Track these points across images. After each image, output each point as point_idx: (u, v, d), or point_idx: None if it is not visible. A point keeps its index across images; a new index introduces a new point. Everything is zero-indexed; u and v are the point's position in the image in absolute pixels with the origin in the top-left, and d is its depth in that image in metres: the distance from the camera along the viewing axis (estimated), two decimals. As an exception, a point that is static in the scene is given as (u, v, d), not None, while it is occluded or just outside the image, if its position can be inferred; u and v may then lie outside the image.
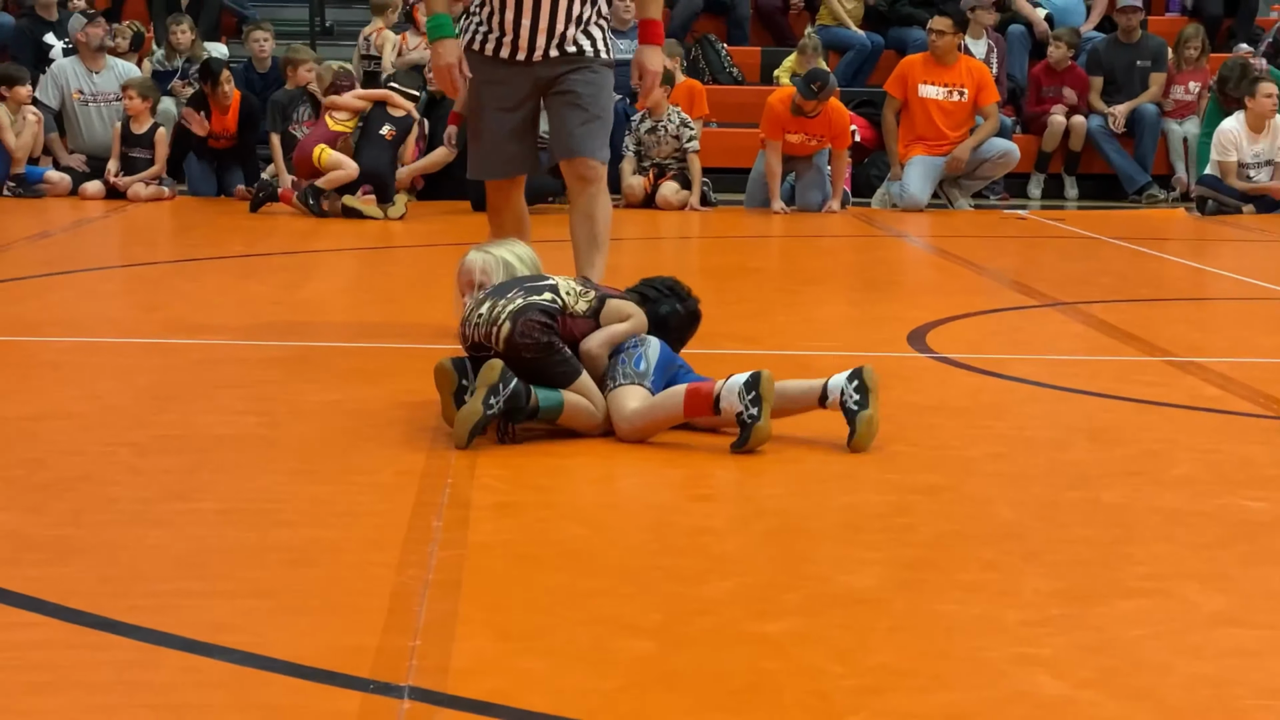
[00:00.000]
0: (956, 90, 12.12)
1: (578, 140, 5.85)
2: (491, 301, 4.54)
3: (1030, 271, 9.07)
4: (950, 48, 12.11)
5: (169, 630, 2.92)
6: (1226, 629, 3.05)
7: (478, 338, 4.50)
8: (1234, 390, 5.35)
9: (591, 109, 5.87)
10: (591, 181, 5.88)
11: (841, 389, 4.50)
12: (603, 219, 5.92)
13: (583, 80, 5.85)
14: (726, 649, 2.90)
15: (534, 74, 5.84)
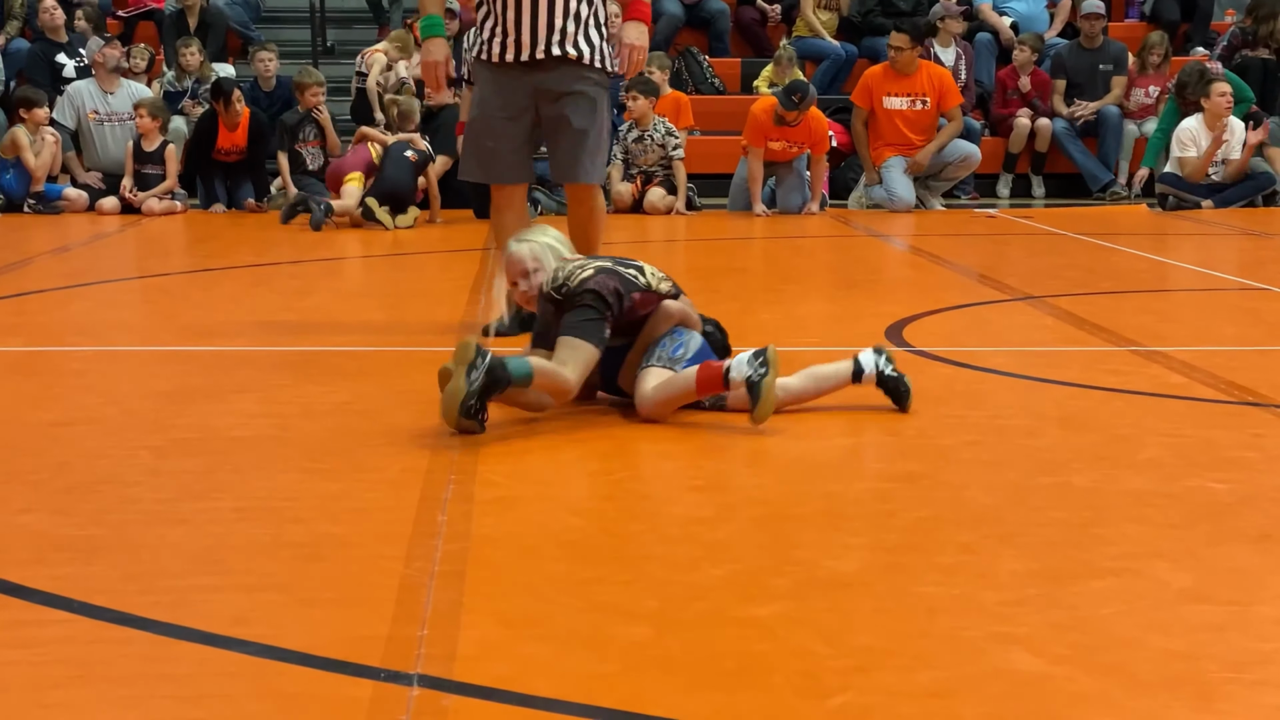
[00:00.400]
0: (919, 99, 12.12)
1: (578, 167, 5.90)
2: (584, 260, 4.72)
3: (1000, 267, 9.07)
4: (909, 61, 12.09)
5: (189, 624, 2.91)
6: (1194, 605, 3.04)
7: (563, 280, 4.63)
8: (1197, 377, 5.35)
9: (589, 132, 5.88)
10: (585, 202, 5.98)
11: (876, 364, 4.77)
12: (597, 231, 6.03)
13: (582, 104, 5.85)
14: (719, 632, 2.90)
15: (534, 81, 5.83)
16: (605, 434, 4.58)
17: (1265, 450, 4.34)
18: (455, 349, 4.41)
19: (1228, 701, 2.58)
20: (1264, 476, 4.05)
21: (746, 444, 4.48)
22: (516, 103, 5.87)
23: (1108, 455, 4.28)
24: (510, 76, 5.84)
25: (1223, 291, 7.84)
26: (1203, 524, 3.61)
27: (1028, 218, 11.84)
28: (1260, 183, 12.32)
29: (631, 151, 11.80)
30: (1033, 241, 10.36)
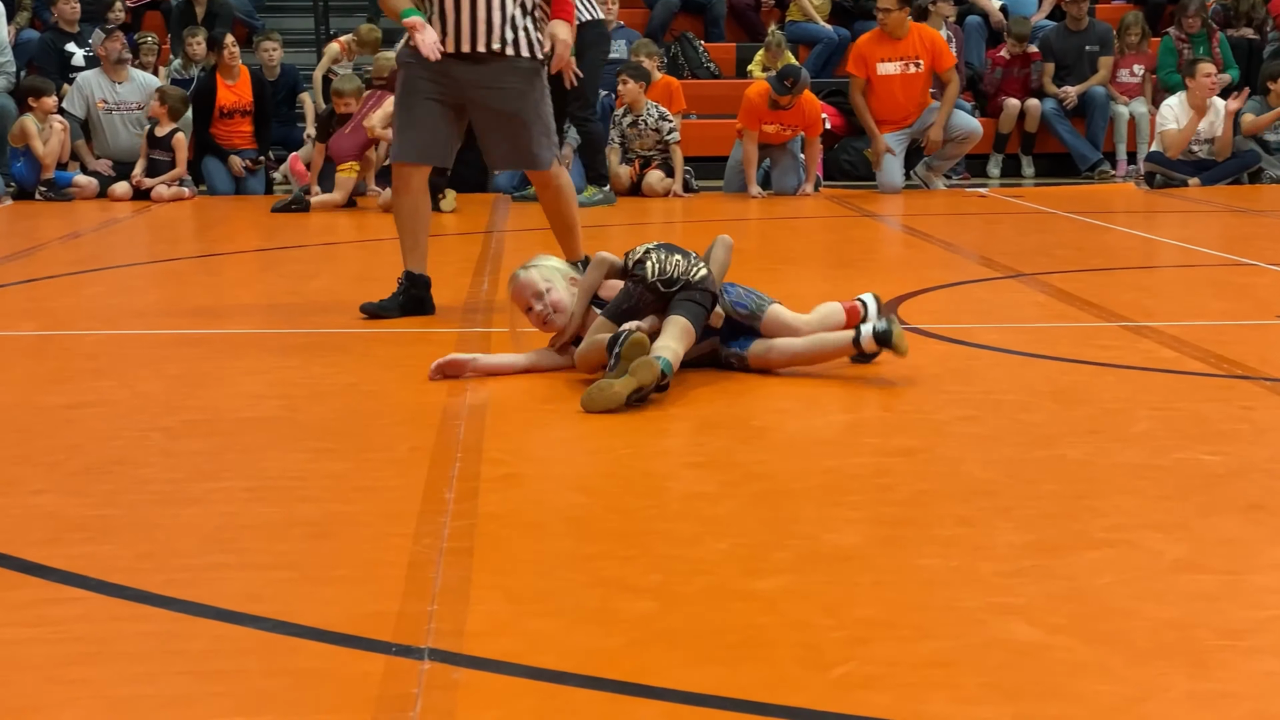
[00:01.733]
0: (912, 62, 11.98)
1: (529, 154, 6.04)
2: (684, 257, 4.93)
3: (992, 245, 9.05)
4: (899, 22, 11.89)
5: (203, 601, 2.91)
6: (1187, 575, 3.04)
7: (675, 275, 4.85)
8: (1186, 351, 5.34)
9: (525, 116, 5.96)
10: (548, 185, 6.09)
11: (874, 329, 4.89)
12: (568, 209, 6.12)
13: (509, 93, 5.92)
14: (721, 606, 2.89)
15: (463, 74, 5.90)
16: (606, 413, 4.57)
17: (1255, 423, 4.33)
18: (638, 367, 4.49)
19: (1223, 669, 2.58)
20: (1254, 448, 4.04)
21: (746, 421, 4.47)
22: (445, 91, 5.94)
23: (1100, 429, 4.27)
24: (444, 67, 5.90)
25: (1211, 267, 7.83)
26: (1195, 495, 3.60)
27: (1018, 197, 11.83)
28: (1246, 160, 12.31)
29: (627, 136, 11.78)
30: (1023, 220, 10.34)
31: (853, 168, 13.00)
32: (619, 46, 13.34)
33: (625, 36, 13.43)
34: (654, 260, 4.91)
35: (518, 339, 5.57)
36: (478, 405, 4.60)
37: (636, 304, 4.88)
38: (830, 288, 7.21)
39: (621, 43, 13.34)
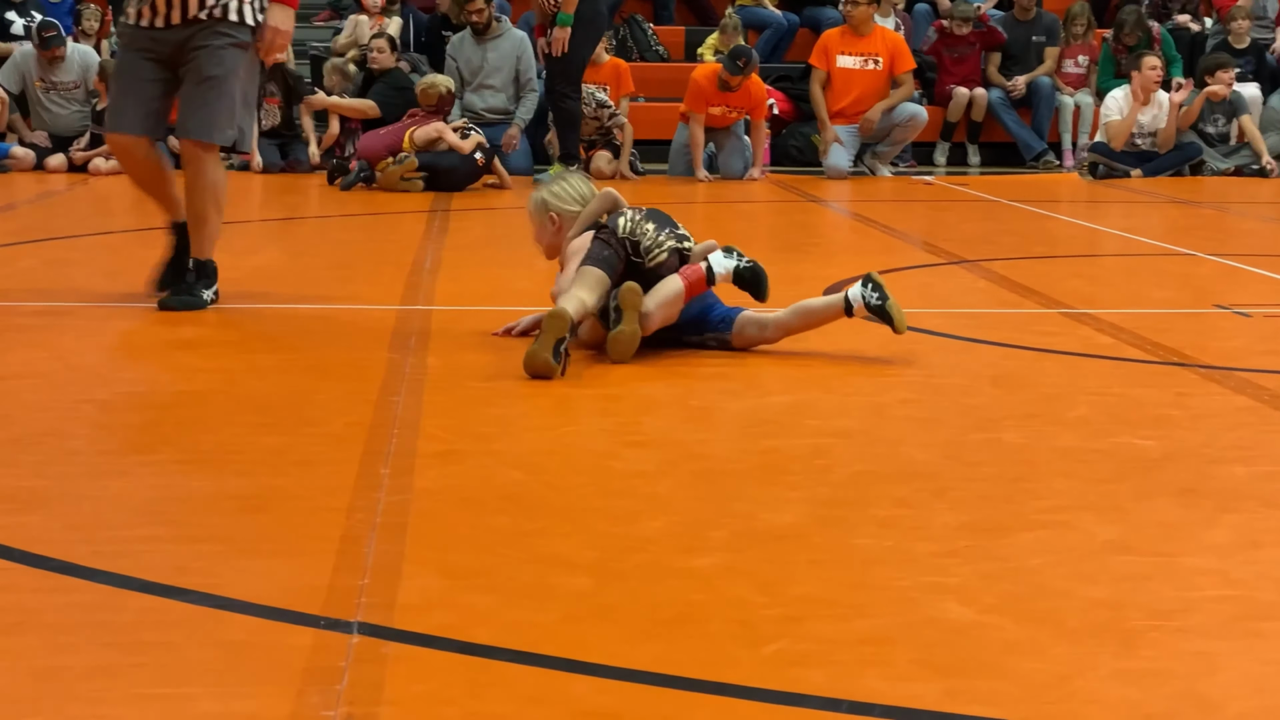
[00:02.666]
0: (872, 59, 12.06)
1: (184, 120, 5.79)
2: (656, 228, 5.01)
3: (937, 232, 9.07)
4: (865, 18, 12.02)
5: (131, 574, 2.87)
6: (1120, 556, 3.06)
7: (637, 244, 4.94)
8: (1124, 339, 5.37)
9: (220, 83, 5.74)
10: (192, 160, 5.81)
11: (861, 295, 4.94)
12: (203, 193, 5.84)
13: (218, 57, 5.72)
14: (658, 583, 2.89)
15: (175, 40, 5.71)
16: (547, 391, 4.56)
17: (1189, 409, 4.36)
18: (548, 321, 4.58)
19: (1151, 648, 2.59)
20: (1188, 434, 4.07)
21: (687, 401, 4.47)
22: (148, 60, 5.77)
23: (1038, 413, 4.29)
24: (153, 36, 5.73)
25: (1150, 257, 7.88)
26: (1129, 479, 3.62)
27: (963, 185, 11.87)
28: (1187, 152, 12.39)
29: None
30: (968, 208, 10.38)
31: (799, 153, 13.01)
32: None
33: (575, 17, 13.38)
34: (630, 217, 5.00)
35: None
36: (416, 381, 4.57)
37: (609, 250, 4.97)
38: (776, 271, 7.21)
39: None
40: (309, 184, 11.26)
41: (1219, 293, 6.51)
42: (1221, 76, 12.46)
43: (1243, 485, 3.58)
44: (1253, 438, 4.03)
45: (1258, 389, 4.57)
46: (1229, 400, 4.47)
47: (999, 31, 13.50)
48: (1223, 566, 2.99)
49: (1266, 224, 9.76)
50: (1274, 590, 2.87)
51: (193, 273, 5.85)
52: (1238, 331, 5.63)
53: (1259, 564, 3.02)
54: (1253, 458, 3.82)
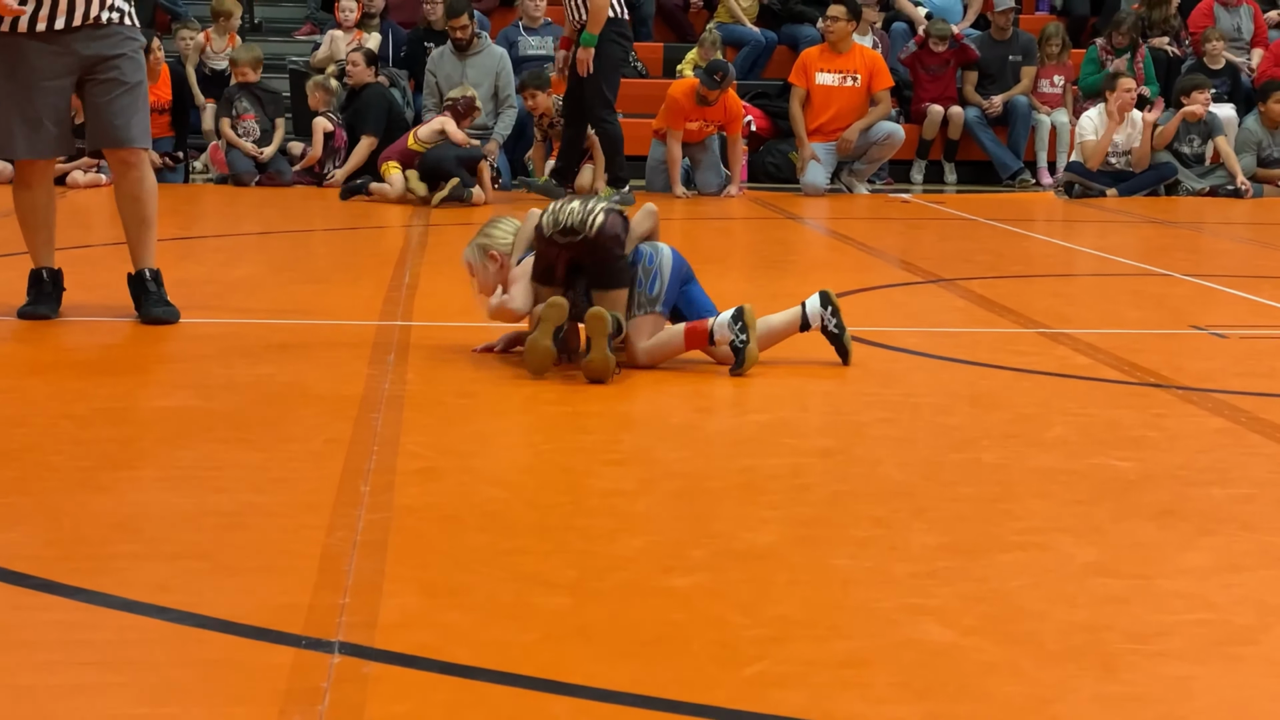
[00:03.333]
0: (850, 76, 12.08)
1: (130, 130, 5.70)
2: (581, 202, 5.02)
3: (914, 250, 9.10)
4: (844, 34, 12.04)
5: (110, 591, 2.86)
6: (1098, 578, 3.06)
7: (571, 224, 4.94)
8: (1101, 359, 5.39)
9: (135, 97, 5.71)
10: (136, 166, 5.78)
11: (820, 315, 5.12)
12: (149, 199, 5.83)
13: (127, 65, 5.67)
14: (637, 602, 2.89)
15: (75, 47, 5.59)
16: (526, 408, 4.56)
17: (1166, 430, 4.38)
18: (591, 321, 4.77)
19: (1130, 671, 2.60)
20: (1165, 455, 4.08)
21: (665, 418, 4.47)
22: (58, 72, 5.62)
23: (1016, 433, 4.30)
24: (49, 44, 5.58)
25: (1126, 277, 7.91)
26: (1107, 500, 3.63)
27: (940, 203, 11.90)
28: (1162, 172, 12.45)
29: (550, 135, 11.82)
30: (944, 226, 10.41)
31: (777, 170, 13.04)
32: (546, 43, 13.32)
33: (553, 33, 13.40)
34: (550, 211, 5.02)
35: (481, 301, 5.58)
36: (395, 398, 4.57)
37: (550, 260, 5.00)
38: (754, 288, 7.23)
39: (549, 39, 13.31)
40: (287, 197, 11.24)
41: (1195, 313, 6.54)
42: (1198, 97, 12.53)
43: (1220, 507, 3.59)
44: (1230, 460, 4.04)
45: (1234, 410, 4.59)
46: (1206, 422, 4.48)
47: (971, 49, 13.55)
48: (1201, 589, 3.01)
49: (1241, 244, 9.81)
50: (1252, 614, 2.88)
51: (154, 283, 5.83)
52: (1214, 352, 5.65)
53: (1237, 587, 3.03)
54: (1230, 480, 3.83)
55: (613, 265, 5.00)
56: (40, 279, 5.91)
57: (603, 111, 10.79)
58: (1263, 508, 3.60)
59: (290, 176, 11.97)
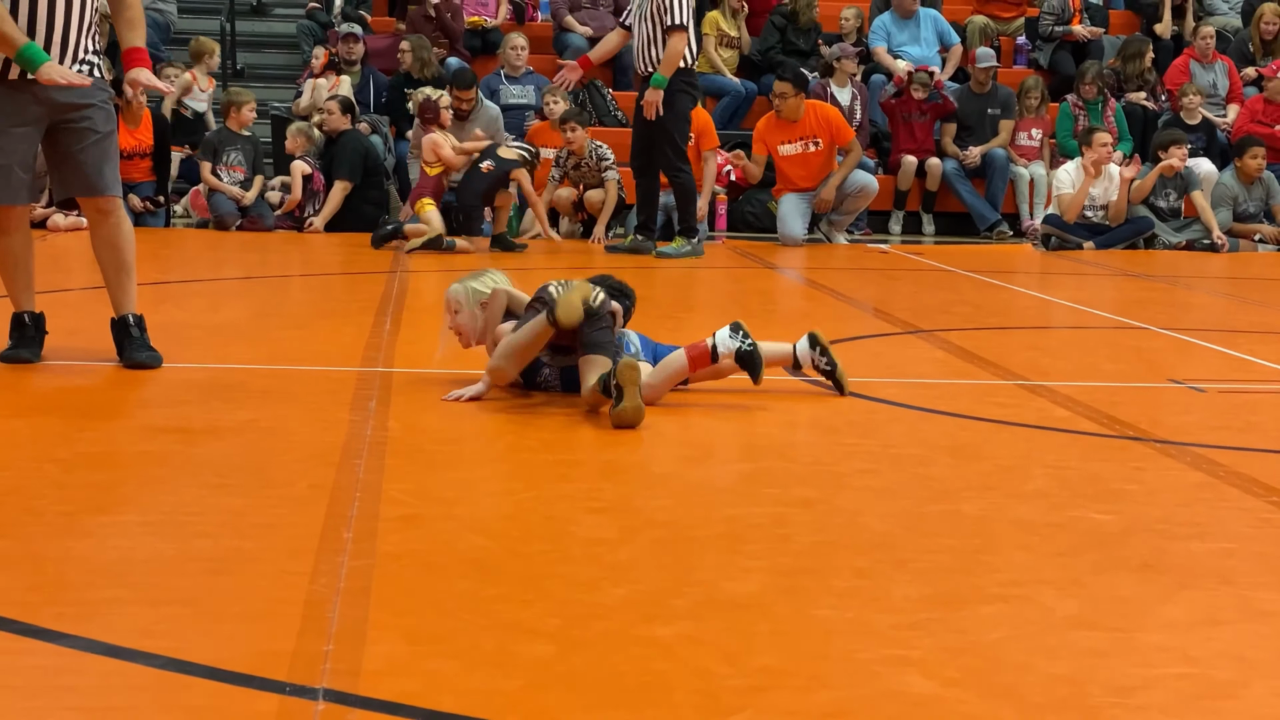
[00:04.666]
0: (811, 141, 12.16)
1: (104, 179, 5.74)
2: (576, 291, 5.10)
3: (891, 301, 9.14)
4: (795, 107, 12.04)
5: (94, 636, 2.86)
6: (1080, 631, 3.08)
7: (584, 314, 5.07)
8: (1080, 411, 5.42)
9: (109, 146, 5.77)
10: (111, 213, 5.83)
11: (810, 357, 5.43)
12: (127, 245, 5.88)
13: (99, 115, 5.72)
14: (620, 651, 2.89)
15: (41, 97, 5.62)
16: (508, 456, 4.57)
17: (1146, 483, 4.40)
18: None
19: (1112, 725, 2.61)
20: (1145, 508, 4.11)
21: (646, 467, 4.49)
22: (27, 120, 5.66)
23: (996, 485, 4.32)
24: (20, 92, 5.63)
25: (1104, 329, 7.96)
26: (1087, 553, 3.65)
27: (918, 254, 11.97)
28: (1139, 226, 12.54)
29: (571, 177, 11.96)
30: (923, 277, 10.46)
31: (756, 219, 13.12)
32: (528, 92, 13.39)
33: (534, 82, 13.48)
34: (552, 307, 5.09)
35: (439, 352, 5.75)
36: (378, 444, 4.57)
37: (556, 340, 5.18)
38: (732, 338, 7.25)
39: (530, 88, 13.38)
40: (269, 242, 11.25)
41: (1172, 367, 6.59)
42: (1175, 152, 12.64)
43: (1200, 561, 3.62)
44: (1209, 514, 4.07)
45: (1213, 465, 4.62)
46: (1185, 475, 4.51)
47: (950, 101, 13.65)
48: (1182, 643, 3.02)
49: (1218, 298, 9.88)
50: (1232, 668, 2.90)
51: (136, 328, 5.84)
52: (1192, 406, 5.69)
53: (1217, 641, 3.05)
54: (1209, 534, 3.86)
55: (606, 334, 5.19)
56: (22, 323, 5.91)
57: (678, 162, 10.81)
58: (1241, 562, 3.62)
59: (272, 221, 12.02)
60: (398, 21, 14.83)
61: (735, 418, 5.25)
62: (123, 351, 5.82)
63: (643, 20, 10.69)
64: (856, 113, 13.43)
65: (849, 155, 12.18)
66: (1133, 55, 14.52)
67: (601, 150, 11.91)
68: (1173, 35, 15.44)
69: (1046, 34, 15.28)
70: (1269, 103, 14.00)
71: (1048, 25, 15.27)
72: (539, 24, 15.24)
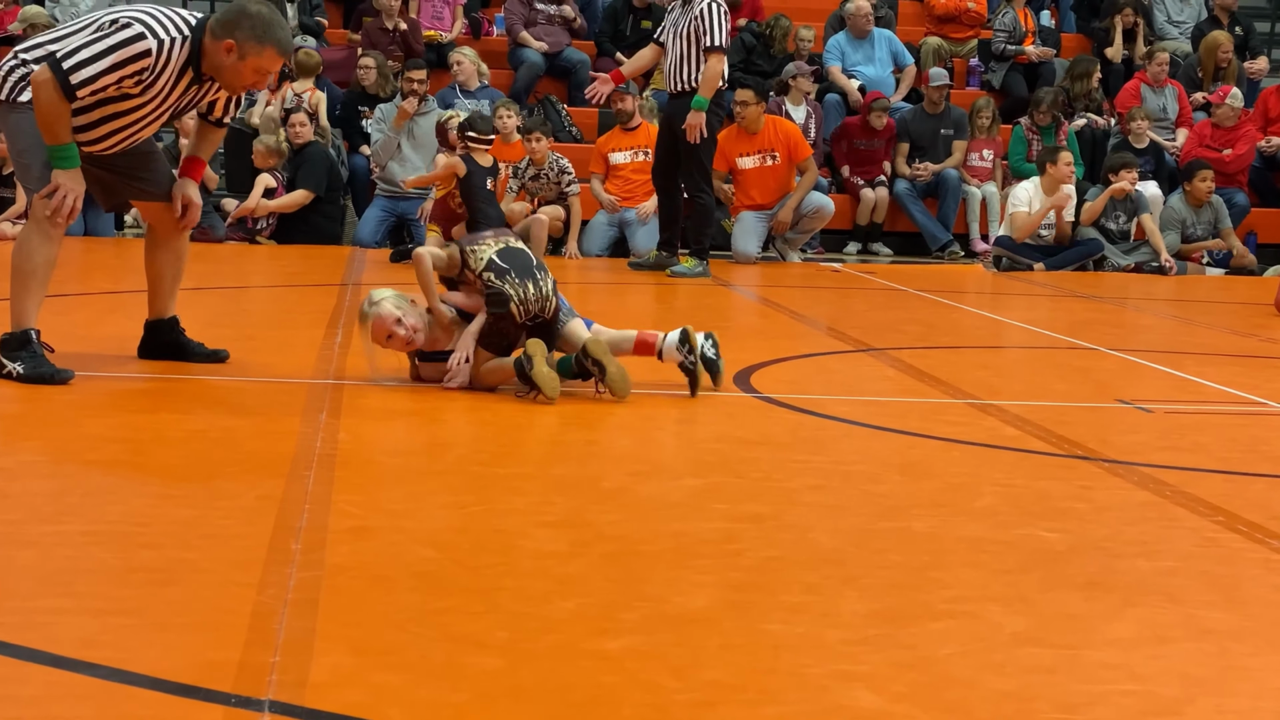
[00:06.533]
0: (769, 155, 12.20)
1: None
2: (536, 280, 5.57)
3: (844, 319, 9.17)
4: (755, 116, 12.10)
5: (37, 646, 2.83)
6: (1027, 648, 3.09)
7: (537, 311, 5.57)
8: (1029, 430, 5.45)
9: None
10: None
11: (673, 350, 5.76)
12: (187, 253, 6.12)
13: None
14: (569, 665, 2.88)
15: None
16: (459, 468, 4.55)
17: (1093, 501, 4.43)
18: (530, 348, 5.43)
19: (1059, 741, 2.62)
20: (1092, 527, 4.13)
21: (597, 482, 4.48)
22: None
23: (945, 502, 4.34)
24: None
25: (1053, 349, 8.00)
26: (1035, 570, 3.67)
27: (870, 273, 12.01)
28: (1089, 248, 12.63)
29: (529, 189, 11.92)
30: (875, 296, 10.50)
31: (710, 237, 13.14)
32: (484, 107, 13.37)
33: (489, 96, 13.47)
34: (516, 299, 5.48)
35: (375, 370, 5.79)
36: (328, 456, 4.55)
37: (511, 338, 5.58)
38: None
39: (485, 102, 13.37)
40: (219, 253, 11.20)
41: (1120, 387, 6.63)
42: (1125, 175, 12.75)
43: (1146, 579, 3.64)
44: (1155, 532, 4.09)
45: (1159, 484, 4.65)
46: (1131, 495, 4.54)
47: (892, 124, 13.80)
48: (1128, 661, 3.04)
49: (1165, 320, 9.96)
50: (1178, 685, 2.92)
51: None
52: (1139, 426, 5.73)
53: (1163, 659, 3.07)
54: (1155, 552, 3.88)
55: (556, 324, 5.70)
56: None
57: (702, 183, 10.80)
58: (1187, 580, 3.64)
59: (223, 232, 11.95)
60: (351, 33, 14.79)
61: (686, 433, 5.25)
62: (183, 350, 6.11)
63: (677, 38, 10.61)
64: (811, 131, 13.48)
65: (805, 175, 12.23)
66: (1080, 75, 14.65)
67: (562, 163, 11.91)
68: (1123, 59, 15.58)
69: (999, 52, 15.38)
70: (1217, 127, 14.13)
71: (1000, 43, 15.38)
72: (494, 38, 15.24)
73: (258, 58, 5.47)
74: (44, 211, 5.53)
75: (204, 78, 5.56)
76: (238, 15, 5.47)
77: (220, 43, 5.45)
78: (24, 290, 5.63)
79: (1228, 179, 13.84)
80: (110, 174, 5.85)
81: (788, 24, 14.62)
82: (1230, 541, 4.03)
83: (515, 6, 14.76)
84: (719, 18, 10.50)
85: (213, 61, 5.49)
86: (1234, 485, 4.73)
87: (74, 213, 5.55)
